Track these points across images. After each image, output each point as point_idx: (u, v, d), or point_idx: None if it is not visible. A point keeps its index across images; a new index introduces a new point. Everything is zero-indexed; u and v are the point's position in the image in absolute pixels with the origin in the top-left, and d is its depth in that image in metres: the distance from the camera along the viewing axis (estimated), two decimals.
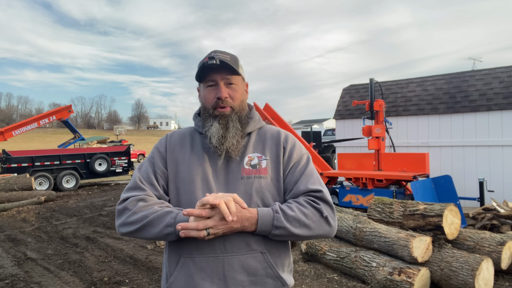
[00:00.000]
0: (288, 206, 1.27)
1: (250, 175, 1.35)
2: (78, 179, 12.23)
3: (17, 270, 4.68)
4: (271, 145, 1.42)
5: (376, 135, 6.78)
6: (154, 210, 1.27)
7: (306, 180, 1.35)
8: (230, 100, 1.39)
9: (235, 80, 1.40)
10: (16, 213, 8.25)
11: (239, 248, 1.28)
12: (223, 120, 1.37)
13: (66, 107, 15.23)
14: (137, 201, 1.30)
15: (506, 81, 7.63)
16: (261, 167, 1.37)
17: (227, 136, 1.36)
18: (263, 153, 1.40)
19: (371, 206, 4.37)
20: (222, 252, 1.27)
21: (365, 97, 9.29)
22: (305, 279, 4.07)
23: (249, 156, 1.39)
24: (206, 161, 1.39)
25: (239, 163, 1.38)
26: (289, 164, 1.39)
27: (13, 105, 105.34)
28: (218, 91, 1.37)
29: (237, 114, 1.40)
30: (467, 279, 3.28)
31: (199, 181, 1.35)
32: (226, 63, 1.35)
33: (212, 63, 1.33)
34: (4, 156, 11.44)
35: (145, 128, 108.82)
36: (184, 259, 1.31)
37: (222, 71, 1.37)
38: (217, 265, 1.27)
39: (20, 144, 34.53)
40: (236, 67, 1.39)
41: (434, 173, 7.23)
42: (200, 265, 1.28)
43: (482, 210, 5.12)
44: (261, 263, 1.29)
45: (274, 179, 1.36)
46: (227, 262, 1.27)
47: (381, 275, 3.56)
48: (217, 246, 1.27)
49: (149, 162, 1.43)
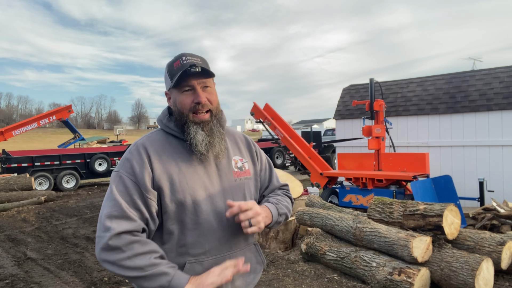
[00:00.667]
0: (276, 199, 1.55)
1: (241, 177, 1.48)
2: (78, 179, 12.22)
3: (17, 270, 4.68)
4: (245, 147, 1.57)
5: (376, 135, 6.78)
6: (150, 263, 1.22)
7: (275, 177, 1.66)
8: (209, 104, 1.39)
9: (210, 83, 1.40)
10: (16, 213, 8.25)
11: (240, 244, 1.45)
12: (207, 126, 1.39)
13: (66, 107, 15.24)
14: (132, 243, 1.22)
15: (506, 81, 7.63)
16: (245, 169, 1.51)
17: (214, 142, 1.38)
18: (242, 156, 1.53)
19: (371, 206, 4.37)
20: (228, 251, 1.41)
21: (365, 97, 9.29)
22: (305, 279, 4.06)
23: (234, 159, 1.49)
24: (198, 167, 1.38)
25: (228, 167, 1.45)
26: (262, 165, 1.61)
27: (13, 105, 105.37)
28: (197, 96, 1.36)
29: (216, 117, 1.42)
30: (467, 279, 3.28)
31: (198, 189, 1.35)
32: (205, 69, 1.36)
33: (195, 70, 1.32)
34: (4, 156, 11.44)
35: (145, 128, 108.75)
36: (190, 264, 1.34)
37: (199, 75, 1.36)
38: (223, 262, 1.35)
39: (20, 144, 34.51)
40: (210, 69, 1.39)
41: (434, 173, 7.22)
42: (208, 267, 1.34)
43: (482, 210, 5.12)
44: (254, 253, 1.52)
45: (254, 178, 1.54)
46: (232, 259, 1.37)
47: (381, 275, 3.56)
48: (224, 247, 1.40)
49: (130, 182, 1.29)
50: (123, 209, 1.26)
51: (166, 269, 1.22)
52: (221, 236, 1.38)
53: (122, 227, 1.23)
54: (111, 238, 1.21)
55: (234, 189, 1.43)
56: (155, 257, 1.24)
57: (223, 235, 1.38)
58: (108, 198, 1.29)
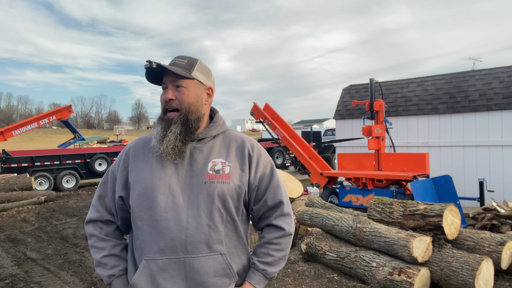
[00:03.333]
0: (265, 252, 1.47)
1: (213, 180, 1.39)
2: (78, 179, 12.22)
3: (17, 270, 4.68)
4: (236, 152, 1.47)
5: (376, 135, 6.78)
6: (99, 261, 1.47)
7: (273, 192, 1.49)
8: (176, 102, 1.41)
9: (184, 83, 1.41)
10: (16, 213, 8.25)
11: (200, 250, 1.34)
12: (167, 123, 1.41)
13: (66, 107, 15.22)
14: (91, 236, 1.49)
15: (506, 81, 7.63)
16: (224, 173, 1.41)
17: (164, 139, 1.39)
18: (227, 159, 1.44)
19: (371, 206, 4.37)
20: (184, 254, 1.34)
21: (365, 97, 9.29)
22: (305, 279, 4.06)
23: (213, 161, 1.42)
24: (169, 166, 1.40)
25: (203, 168, 1.41)
26: (257, 174, 1.47)
27: (13, 105, 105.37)
28: (165, 93, 1.43)
29: (184, 117, 1.41)
30: (467, 279, 3.28)
31: (161, 186, 1.37)
32: (161, 66, 1.38)
33: (148, 66, 1.39)
34: (4, 156, 11.43)
35: (145, 128, 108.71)
36: (146, 261, 1.35)
37: (170, 74, 1.41)
38: (179, 266, 1.34)
39: (20, 144, 34.51)
40: (188, 71, 1.41)
41: (434, 173, 7.23)
42: (162, 267, 1.34)
43: (482, 210, 5.12)
44: (220, 264, 1.37)
45: (237, 186, 1.41)
46: (188, 263, 1.34)
47: (381, 275, 3.56)
48: (179, 248, 1.33)
49: (111, 176, 1.52)
50: (95, 200, 1.53)
51: (106, 273, 1.45)
52: (177, 237, 1.33)
53: (90, 216, 1.51)
54: (85, 224, 1.54)
55: (201, 191, 1.37)
56: (104, 256, 1.45)
57: (179, 235, 1.33)
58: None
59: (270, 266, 1.46)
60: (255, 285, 1.44)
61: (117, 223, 1.51)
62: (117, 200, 1.45)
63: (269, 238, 1.49)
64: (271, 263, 1.47)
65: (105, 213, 1.49)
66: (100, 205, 1.51)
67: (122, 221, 1.51)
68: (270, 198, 1.49)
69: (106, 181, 1.52)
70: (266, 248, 1.48)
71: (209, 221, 1.36)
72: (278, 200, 1.50)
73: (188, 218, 1.34)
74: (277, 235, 1.48)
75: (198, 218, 1.35)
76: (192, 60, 1.45)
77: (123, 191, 1.44)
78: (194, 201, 1.36)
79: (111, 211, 1.50)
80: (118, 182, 1.45)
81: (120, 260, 1.48)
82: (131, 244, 1.47)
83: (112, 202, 1.48)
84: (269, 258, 1.47)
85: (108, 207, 1.50)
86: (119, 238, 1.52)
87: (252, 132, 78.22)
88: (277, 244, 1.48)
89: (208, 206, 1.36)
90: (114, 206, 1.48)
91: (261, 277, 1.46)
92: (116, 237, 1.51)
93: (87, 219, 1.52)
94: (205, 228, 1.35)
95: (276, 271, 1.48)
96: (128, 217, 1.47)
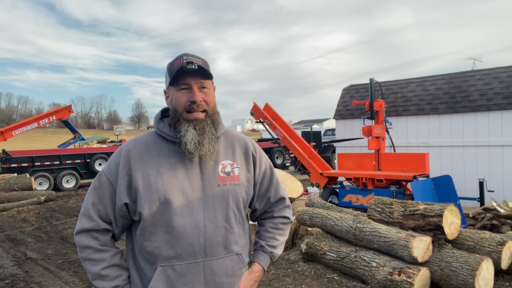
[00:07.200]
0: (271, 237, 1.58)
1: (226, 182, 1.41)
2: (78, 179, 12.23)
3: (17, 270, 4.68)
4: (241, 153, 1.50)
5: (376, 135, 6.77)
6: (97, 274, 1.36)
7: (274, 191, 1.59)
8: (204, 104, 1.38)
9: (207, 84, 1.40)
10: (16, 213, 8.25)
11: (218, 252, 1.37)
12: (199, 125, 1.37)
13: (66, 107, 15.24)
14: (85, 248, 1.36)
15: (506, 81, 7.62)
16: (234, 175, 1.44)
17: (203, 142, 1.36)
18: (234, 160, 1.46)
19: (371, 206, 4.37)
20: (202, 258, 1.35)
21: (365, 97, 9.28)
22: (305, 279, 4.06)
23: (223, 164, 1.43)
24: (179, 169, 1.37)
25: (214, 171, 1.40)
26: (260, 174, 1.53)
27: (13, 105, 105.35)
28: (192, 95, 1.36)
29: (211, 118, 1.40)
30: (467, 279, 3.28)
31: (174, 190, 1.33)
32: (202, 68, 1.35)
33: (191, 68, 1.32)
34: (4, 156, 11.44)
35: (145, 128, 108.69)
36: (162, 268, 1.32)
37: (196, 75, 1.36)
38: (198, 270, 1.33)
39: (20, 144, 34.51)
40: (209, 71, 1.39)
41: (434, 173, 7.22)
42: (181, 272, 1.32)
43: (482, 210, 5.12)
44: (237, 264, 1.42)
45: (245, 185, 1.46)
46: (208, 266, 1.34)
47: (381, 275, 3.56)
48: (198, 252, 1.33)
49: (106, 180, 1.38)
50: (87, 207, 1.38)
51: (109, 286, 1.35)
52: (196, 241, 1.32)
53: (82, 226, 1.37)
54: (75, 235, 1.39)
55: (216, 195, 1.37)
56: (103, 267, 1.36)
57: (197, 240, 1.33)
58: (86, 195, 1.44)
59: (275, 249, 1.58)
60: (263, 265, 1.54)
61: (115, 232, 1.41)
62: (121, 207, 1.35)
63: (275, 223, 1.61)
64: (277, 246, 1.59)
65: (100, 221, 1.37)
66: (94, 213, 1.37)
67: (121, 229, 1.43)
68: (272, 195, 1.59)
69: (99, 186, 1.39)
70: (272, 233, 1.59)
71: (226, 223, 1.38)
72: (279, 196, 1.61)
73: (205, 222, 1.34)
74: (282, 222, 1.62)
75: (215, 221, 1.35)
76: (204, 60, 1.41)
77: (128, 197, 1.34)
78: (209, 204, 1.36)
79: (107, 219, 1.38)
80: (120, 188, 1.35)
81: (122, 270, 1.41)
82: (132, 250, 1.42)
83: (110, 209, 1.37)
84: (275, 242, 1.58)
85: (104, 215, 1.37)
86: (115, 246, 1.44)
87: (252, 132, 78.20)
88: (281, 230, 1.61)
89: (224, 209, 1.38)
90: (112, 213, 1.37)
91: (268, 259, 1.57)
92: (113, 245, 1.43)
93: (78, 229, 1.37)
94: (222, 231, 1.37)
95: (279, 253, 1.61)
96: (128, 225, 1.43)
